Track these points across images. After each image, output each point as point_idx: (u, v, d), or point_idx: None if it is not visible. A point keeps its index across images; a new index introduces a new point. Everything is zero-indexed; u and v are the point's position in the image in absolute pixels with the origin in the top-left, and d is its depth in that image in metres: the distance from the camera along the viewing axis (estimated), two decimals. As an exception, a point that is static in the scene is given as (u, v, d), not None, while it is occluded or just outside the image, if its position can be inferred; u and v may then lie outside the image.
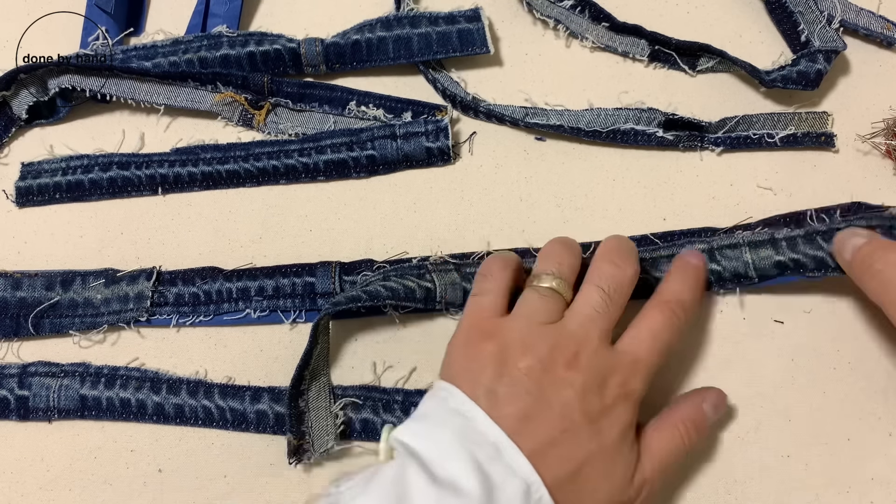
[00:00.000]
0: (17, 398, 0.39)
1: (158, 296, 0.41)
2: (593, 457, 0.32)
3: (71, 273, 0.41)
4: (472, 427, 0.31)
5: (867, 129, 0.44)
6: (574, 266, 0.36)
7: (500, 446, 0.31)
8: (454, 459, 0.30)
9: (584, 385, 0.32)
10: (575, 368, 0.32)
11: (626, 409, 0.33)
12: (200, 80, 0.44)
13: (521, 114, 0.44)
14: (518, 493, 0.30)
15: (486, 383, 0.32)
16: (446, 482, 0.29)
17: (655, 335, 0.34)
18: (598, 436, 0.32)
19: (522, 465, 0.30)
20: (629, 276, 0.35)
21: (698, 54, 0.45)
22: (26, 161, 0.44)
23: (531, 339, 0.33)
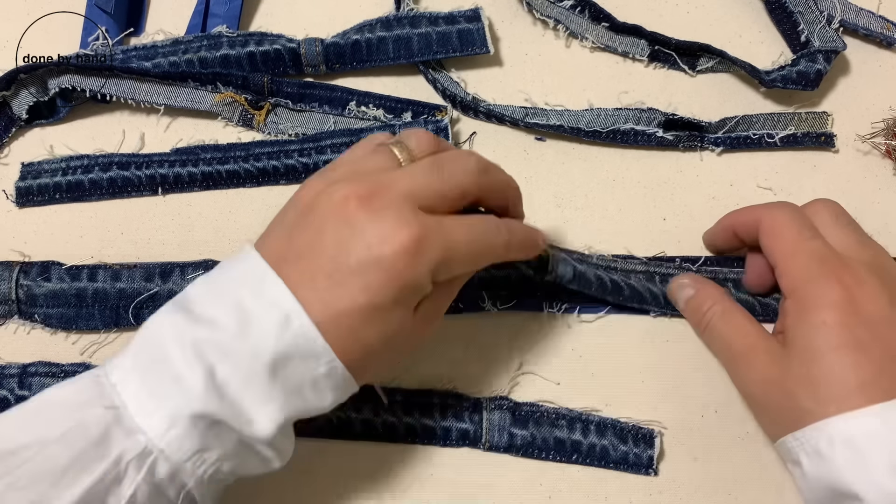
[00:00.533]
0: (18, 398, 0.39)
1: None
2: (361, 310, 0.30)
3: (170, 265, 0.41)
4: (244, 268, 0.31)
5: (867, 129, 0.44)
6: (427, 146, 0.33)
7: (264, 280, 0.30)
8: (217, 299, 0.30)
9: (365, 225, 0.30)
10: (363, 207, 0.30)
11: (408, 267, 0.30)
12: (200, 80, 0.44)
13: (521, 114, 0.44)
14: (274, 323, 0.29)
15: (283, 224, 0.32)
16: (205, 321, 0.30)
17: (471, 226, 0.32)
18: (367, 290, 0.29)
19: (282, 296, 0.29)
20: (469, 165, 0.33)
21: (698, 54, 0.45)
22: (26, 161, 0.44)
23: (342, 179, 0.31)
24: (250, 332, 0.29)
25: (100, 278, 0.41)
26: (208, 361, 0.29)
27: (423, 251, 0.30)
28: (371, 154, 0.33)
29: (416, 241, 0.29)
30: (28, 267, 0.41)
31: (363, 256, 0.29)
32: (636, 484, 0.38)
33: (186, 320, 0.30)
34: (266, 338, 0.29)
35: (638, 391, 0.39)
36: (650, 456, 0.37)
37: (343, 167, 0.33)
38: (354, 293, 0.29)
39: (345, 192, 0.30)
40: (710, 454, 0.38)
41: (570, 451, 0.38)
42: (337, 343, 0.30)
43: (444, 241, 0.30)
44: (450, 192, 0.32)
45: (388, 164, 0.32)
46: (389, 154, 0.33)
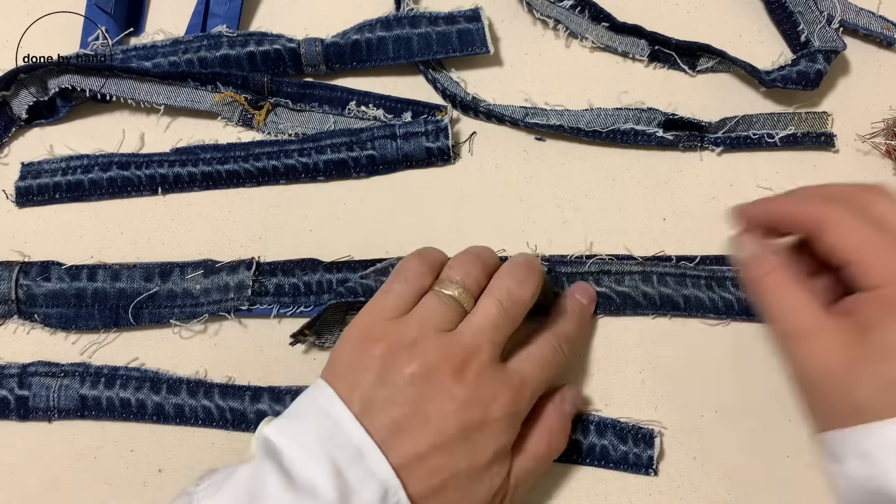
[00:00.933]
0: (17, 398, 0.39)
1: (259, 286, 0.41)
2: (461, 474, 0.31)
3: (169, 264, 0.42)
4: (338, 429, 0.31)
5: (867, 129, 0.44)
6: (481, 279, 0.35)
7: (363, 450, 0.30)
8: (313, 461, 0.30)
9: (466, 399, 0.32)
10: (461, 381, 0.32)
11: (505, 429, 0.32)
12: (200, 80, 0.44)
13: (521, 114, 0.44)
14: (375, 497, 0.29)
15: (365, 387, 0.32)
16: (303, 484, 0.29)
17: (544, 363, 0.35)
18: (470, 454, 0.31)
19: (382, 469, 0.30)
20: (529, 294, 0.35)
21: (698, 54, 0.45)
22: (26, 161, 0.44)
23: (421, 345, 0.32)
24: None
25: (99, 278, 0.41)
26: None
27: (519, 410, 0.33)
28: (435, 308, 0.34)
29: (513, 404, 0.33)
30: (28, 267, 0.41)
31: (468, 424, 0.31)
32: (636, 484, 0.38)
33: (283, 480, 0.29)
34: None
35: (638, 391, 0.39)
36: (650, 456, 0.37)
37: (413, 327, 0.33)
38: (459, 458, 0.31)
39: (436, 368, 0.32)
40: (710, 454, 0.38)
41: (570, 451, 0.38)
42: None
43: (532, 393, 0.34)
44: (516, 326, 0.35)
45: (455, 315, 0.34)
46: (451, 304, 0.34)
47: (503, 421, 0.32)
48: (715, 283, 0.40)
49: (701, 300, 0.40)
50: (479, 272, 0.35)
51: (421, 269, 0.35)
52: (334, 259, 0.42)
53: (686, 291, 0.40)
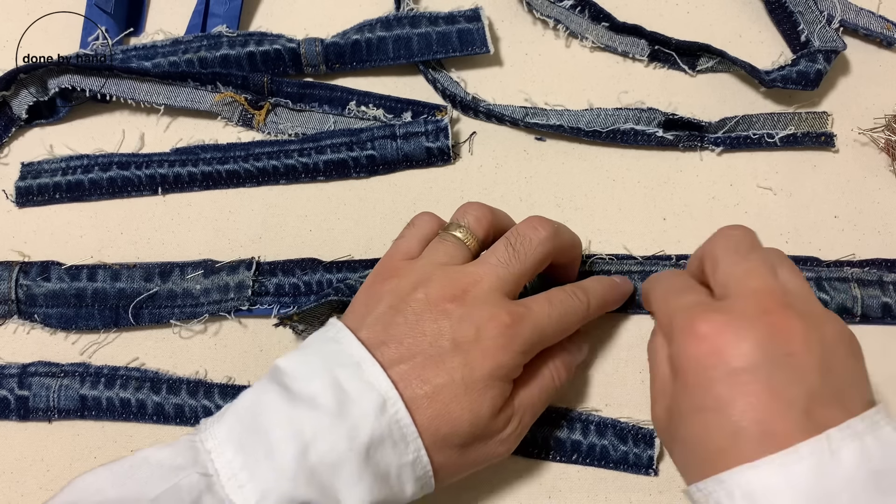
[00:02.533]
0: (17, 398, 0.39)
1: (259, 286, 0.41)
2: (456, 384, 0.31)
3: (169, 264, 0.42)
4: (341, 350, 0.32)
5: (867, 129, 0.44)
6: (485, 221, 0.36)
7: (362, 364, 0.31)
8: (314, 378, 0.31)
9: (461, 316, 0.32)
10: (458, 302, 0.33)
11: (503, 349, 0.32)
12: (200, 80, 0.44)
13: (521, 114, 0.44)
14: (373, 407, 0.30)
15: (372, 316, 0.33)
16: (302, 397, 0.30)
17: (553, 301, 0.34)
18: (466, 366, 0.32)
19: (380, 381, 0.31)
20: (541, 237, 0.35)
21: (698, 54, 0.45)
22: (26, 161, 0.44)
23: (426, 275, 0.34)
24: (349, 413, 0.30)
25: (99, 278, 0.41)
26: (304, 439, 0.29)
27: (517, 334, 0.33)
28: (440, 245, 0.35)
29: (510, 324, 0.32)
30: (28, 267, 0.41)
31: (462, 337, 0.32)
32: (636, 484, 0.38)
33: (284, 395, 0.31)
34: (364, 420, 0.30)
35: (638, 391, 0.39)
36: (650, 456, 0.37)
37: (421, 264, 0.34)
38: (453, 369, 0.32)
39: (439, 293, 0.33)
40: (710, 454, 0.38)
41: (570, 451, 0.38)
42: (428, 424, 0.31)
43: (534, 322, 0.33)
44: (529, 270, 0.35)
45: (460, 253, 0.35)
46: (456, 242, 0.35)
47: (499, 339, 0.32)
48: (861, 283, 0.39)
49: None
50: (483, 215, 0.36)
51: (430, 218, 0.37)
52: (334, 259, 0.42)
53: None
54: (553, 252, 0.36)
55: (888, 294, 0.39)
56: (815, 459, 0.26)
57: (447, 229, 0.36)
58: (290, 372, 0.32)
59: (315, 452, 0.29)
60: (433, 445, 0.31)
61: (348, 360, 0.32)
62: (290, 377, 0.31)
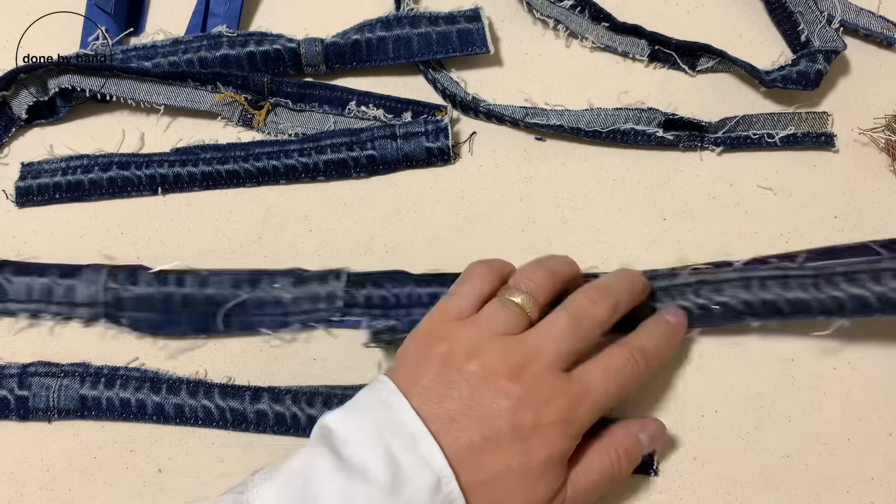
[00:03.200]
0: (17, 398, 0.39)
1: (349, 297, 0.40)
2: (513, 473, 0.31)
3: (258, 272, 0.41)
4: (394, 418, 0.31)
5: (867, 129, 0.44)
6: (548, 288, 0.35)
7: (418, 437, 0.30)
8: (368, 446, 0.30)
9: (521, 399, 0.31)
10: (517, 381, 0.32)
11: (562, 435, 0.32)
12: (200, 80, 0.44)
13: (521, 114, 0.44)
14: (427, 484, 0.29)
15: (425, 381, 0.32)
16: (355, 468, 0.29)
17: (610, 373, 0.33)
18: (523, 453, 0.31)
19: (436, 458, 0.30)
20: (602, 315, 0.34)
21: (698, 54, 0.45)
22: (26, 161, 0.44)
23: (482, 345, 0.32)
24: (402, 490, 0.29)
25: (188, 284, 0.41)
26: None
27: (576, 419, 0.32)
28: (499, 313, 0.34)
29: (570, 411, 0.32)
30: (116, 270, 0.41)
31: (520, 423, 0.31)
32: (636, 484, 0.38)
33: (336, 463, 0.30)
34: (417, 499, 0.29)
35: (638, 391, 0.39)
36: (650, 456, 0.37)
37: (477, 330, 0.33)
38: (510, 456, 0.31)
39: (494, 368, 0.32)
40: (710, 454, 0.38)
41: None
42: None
43: (592, 402, 0.32)
44: (588, 346, 0.34)
45: (518, 323, 0.34)
46: (518, 311, 0.34)
47: (558, 426, 0.31)
48: (824, 281, 0.36)
49: (806, 303, 0.36)
50: (546, 281, 0.35)
51: (487, 274, 0.35)
52: (424, 272, 0.41)
53: (790, 295, 0.36)
54: (613, 322, 0.35)
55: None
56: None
57: (506, 293, 0.34)
58: (341, 436, 0.31)
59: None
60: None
61: (402, 430, 0.31)
62: (341, 441, 0.30)
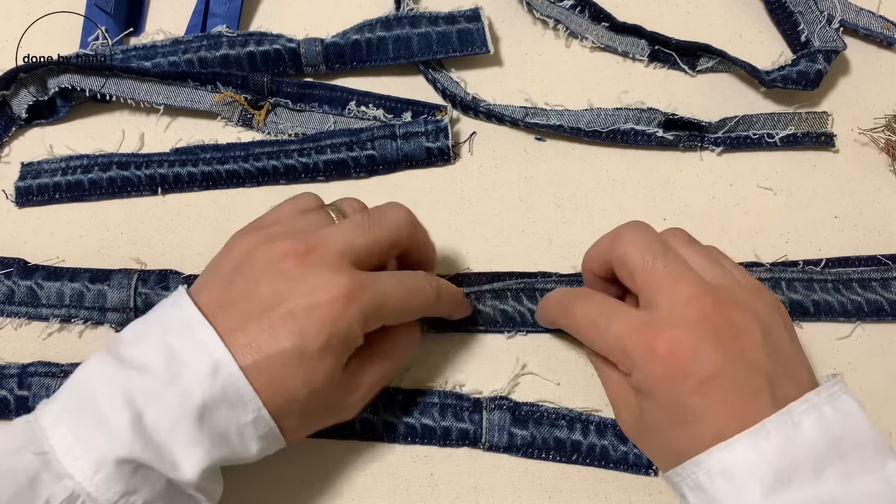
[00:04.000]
0: (17, 398, 0.39)
1: None
2: (287, 355, 0.30)
3: None
4: (177, 314, 0.31)
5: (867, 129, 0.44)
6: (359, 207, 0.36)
7: (193, 326, 0.31)
8: (147, 343, 0.31)
9: (299, 278, 0.31)
10: (299, 260, 0.32)
11: (340, 317, 0.31)
12: (200, 80, 0.44)
13: (521, 114, 0.44)
14: (204, 369, 0.30)
15: (218, 274, 0.33)
16: (134, 364, 0.30)
17: (401, 279, 0.34)
18: (298, 335, 0.30)
19: (211, 343, 0.30)
20: (401, 215, 0.35)
21: (698, 54, 0.45)
22: (26, 161, 0.44)
23: (278, 236, 0.33)
24: (180, 378, 0.30)
25: None
26: (136, 406, 0.29)
27: (355, 301, 0.31)
28: (306, 213, 0.35)
29: (349, 291, 0.31)
30: (146, 275, 0.41)
31: (296, 304, 0.31)
32: (636, 484, 0.38)
33: (116, 364, 0.30)
34: (195, 384, 0.30)
35: (638, 391, 0.39)
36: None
37: (278, 225, 0.34)
38: (284, 338, 0.31)
39: (283, 249, 0.32)
40: (710, 454, 0.38)
41: (570, 451, 0.38)
42: (263, 391, 0.30)
43: (376, 292, 0.32)
44: (382, 244, 0.34)
45: (323, 223, 0.34)
46: (324, 214, 0.35)
47: (335, 308, 0.31)
48: (842, 285, 0.40)
49: (830, 304, 0.40)
50: (361, 205, 0.36)
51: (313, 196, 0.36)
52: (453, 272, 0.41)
53: (815, 296, 0.40)
54: (409, 237, 0.35)
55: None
56: (780, 433, 0.29)
57: (321, 206, 0.35)
58: (126, 339, 0.31)
59: (149, 418, 0.29)
60: (273, 411, 0.31)
61: (182, 324, 0.31)
62: (125, 345, 0.31)
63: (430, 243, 0.37)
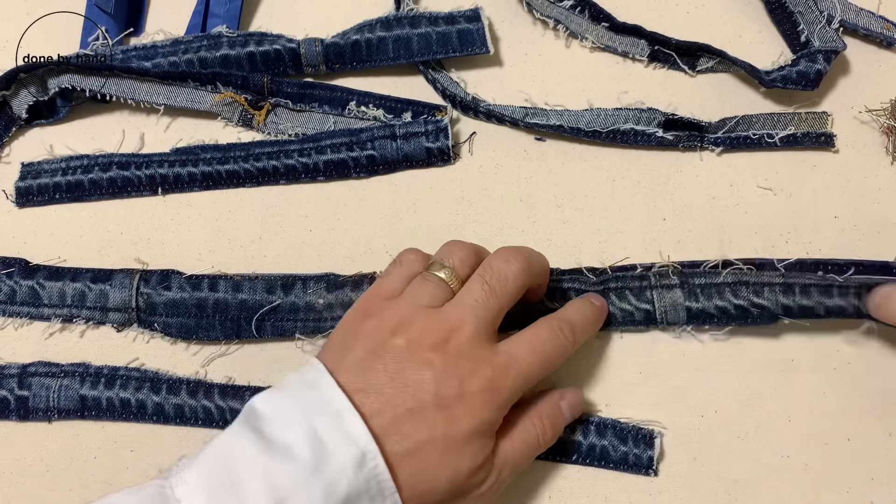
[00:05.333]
0: (17, 398, 0.39)
1: None
2: (437, 442, 0.31)
3: (292, 277, 0.41)
4: (320, 396, 0.31)
5: (867, 129, 0.44)
6: (469, 260, 0.36)
7: (342, 414, 0.30)
8: (291, 425, 0.30)
9: (445, 369, 0.32)
10: (440, 351, 0.32)
11: (486, 405, 0.32)
12: (200, 80, 0.44)
13: (521, 114, 0.44)
14: (351, 461, 0.29)
15: (352, 359, 0.33)
16: (278, 447, 0.29)
17: (536, 344, 0.34)
18: (448, 422, 0.31)
19: (360, 433, 0.30)
20: (515, 270, 0.34)
21: (698, 54, 0.45)
22: (26, 161, 0.44)
23: (406, 318, 0.33)
24: (326, 467, 0.29)
25: (221, 289, 0.41)
26: (278, 493, 0.28)
27: (501, 388, 0.32)
28: (423, 286, 0.34)
29: (494, 381, 0.32)
30: (148, 275, 0.41)
31: (444, 393, 0.31)
32: (636, 484, 0.38)
33: (259, 444, 0.30)
34: (342, 474, 0.29)
35: (638, 391, 0.39)
36: (650, 456, 0.37)
37: (401, 302, 0.34)
38: (435, 426, 0.31)
39: (418, 339, 0.32)
40: (710, 454, 0.38)
41: (570, 451, 0.38)
42: (406, 480, 0.30)
43: (517, 373, 0.33)
44: (506, 305, 0.34)
45: (442, 294, 0.34)
46: (441, 284, 0.35)
47: (482, 395, 0.32)
48: (865, 291, 0.37)
49: (843, 308, 0.37)
50: (468, 256, 0.36)
51: (415, 256, 0.37)
52: None
53: (830, 302, 0.37)
54: (528, 282, 0.35)
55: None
56: None
57: (430, 269, 0.35)
58: (266, 416, 0.31)
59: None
60: (409, 501, 0.31)
61: (327, 408, 0.31)
62: (266, 422, 0.30)
63: (545, 269, 0.37)
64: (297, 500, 0.28)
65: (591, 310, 0.38)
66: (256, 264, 0.42)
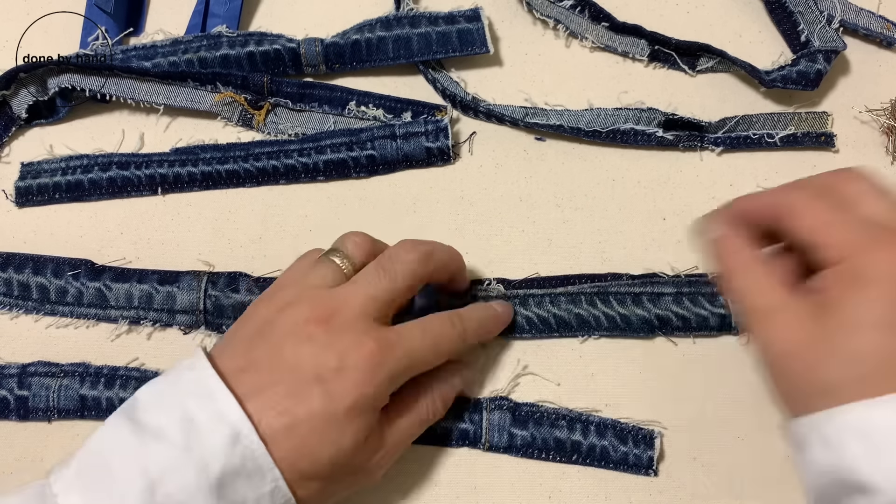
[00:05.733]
0: (17, 398, 0.39)
1: None
2: (315, 417, 0.30)
3: None
4: (195, 378, 0.31)
5: (867, 129, 0.44)
6: (365, 248, 0.36)
7: (214, 394, 0.30)
8: (164, 410, 0.30)
9: (326, 343, 0.31)
10: (323, 326, 0.32)
11: (368, 380, 0.31)
12: (200, 80, 0.44)
13: (521, 114, 0.44)
14: (224, 439, 0.29)
15: (237, 339, 0.33)
16: (149, 430, 0.29)
17: (426, 329, 0.34)
18: (326, 397, 0.31)
19: (232, 412, 0.30)
20: (412, 258, 0.34)
21: (698, 54, 0.45)
22: (26, 161, 0.44)
23: (296, 299, 0.33)
24: (198, 447, 0.29)
25: None
26: (151, 476, 0.28)
27: (384, 363, 0.32)
28: (315, 268, 0.35)
29: (377, 354, 0.31)
30: (216, 277, 0.41)
31: (324, 368, 0.31)
32: (636, 484, 0.38)
33: (132, 430, 0.30)
34: (214, 454, 0.29)
35: (638, 391, 0.39)
36: (650, 456, 0.37)
37: (292, 287, 0.34)
38: (313, 400, 0.31)
39: (304, 314, 0.32)
40: (710, 454, 0.38)
41: (570, 451, 0.38)
42: (286, 456, 0.30)
43: (403, 351, 0.33)
44: (399, 292, 0.34)
45: (334, 276, 0.34)
46: (333, 266, 0.35)
47: (363, 370, 0.31)
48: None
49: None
50: (363, 242, 0.36)
51: (316, 250, 0.37)
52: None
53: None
54: (427, 273, 0.35)
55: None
56: None
57: (326, 254, 0.35)
58: (142, 403, 0.31)
59: (162, 489, 0.28)
60: (293, 478, 0.30)
61: (202, 390, 0.30)
62: (141, 409, 0.30)
63: (451, 261, 0.37)
64: (169, 481, 0.28)
65: (489, 313, 0.38)
66: (256, 264, 0.42)
